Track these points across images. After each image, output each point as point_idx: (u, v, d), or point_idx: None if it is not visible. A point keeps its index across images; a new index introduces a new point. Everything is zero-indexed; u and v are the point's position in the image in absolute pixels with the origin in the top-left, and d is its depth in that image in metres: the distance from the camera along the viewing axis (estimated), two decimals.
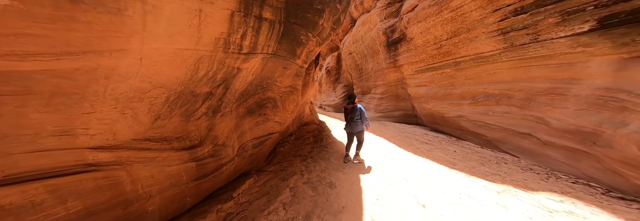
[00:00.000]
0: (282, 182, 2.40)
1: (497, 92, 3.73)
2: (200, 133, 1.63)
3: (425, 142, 4.56)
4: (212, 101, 1.62)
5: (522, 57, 3.33)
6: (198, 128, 1.60)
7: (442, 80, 5.32)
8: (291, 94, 2.92)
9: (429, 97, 5.83)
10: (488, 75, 3.99)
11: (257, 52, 1.80)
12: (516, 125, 3.21)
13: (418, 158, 3.42)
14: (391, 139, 4.83)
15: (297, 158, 3.13)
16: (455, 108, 4.78)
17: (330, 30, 3.61)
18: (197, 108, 1.53)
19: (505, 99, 3.55)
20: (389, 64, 8.06)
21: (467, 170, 2.91)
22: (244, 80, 1.89)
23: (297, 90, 3.27)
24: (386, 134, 5.41)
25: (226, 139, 1.89)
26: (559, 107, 2.59)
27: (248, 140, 2.20)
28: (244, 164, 2.24)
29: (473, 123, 4.15)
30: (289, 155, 3.28)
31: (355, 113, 3.03)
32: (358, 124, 3.03)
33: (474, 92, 4.30)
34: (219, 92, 1.66)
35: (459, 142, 4.47)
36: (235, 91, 1.84)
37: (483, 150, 3.73)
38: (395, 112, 8.08)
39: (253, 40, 1.69)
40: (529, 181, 2.39)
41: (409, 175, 2.72)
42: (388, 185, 2.41)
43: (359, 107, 3.08)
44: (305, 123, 6.09)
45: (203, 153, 1.68)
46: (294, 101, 3.06)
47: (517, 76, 3.38)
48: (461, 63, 4.71)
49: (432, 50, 5.55)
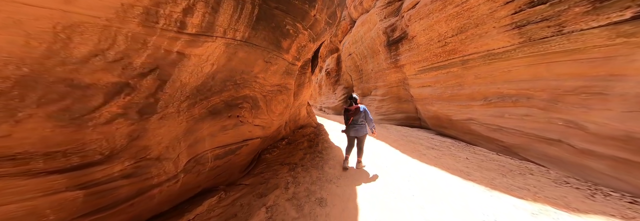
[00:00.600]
0: (258, 199, 1.95)
1: (513, 92, 3.29)
2: (111, 144, 1.12)
3: (432, 147, 4.10)
4: (134, 97, 1.13)
5: (543, 53, 2.91)
6: (108, 137, 1.10)
7: (448, 80, 4.90)
8: (279, 94, 2.52)
9: (433, 99, 5.39)
10: (502, 74, 3.56)
11: (215, 35, 1.38)
12: (541, 129, 2.76)
13: (425, 166, 2.96)
14: (394, 144, 4.39)
15: (284, 167, 2.69)
16: (464, 110, 4.33)
17: (325, 25, 3.22)
18: (96, 108, 1.03)
19: (523, 100, 3.11)
20: (389, 64, 7.67)
21: (486, 182, 2.45)
22: (197, 71, 1.43)
23: (288, 90, 2.88)
24: (388, 138, 4.96)
25: (165, 150, 1.37)
26: (598, 109, 2.15)
27: (207, 150, 1.67)
28: (203, 180, 1.74)
29: (486, 127, 3.69)
30: (275, 163, 2.85)
31: (359, 115, 2.66)
32: (363, 127, 2.68)
33: (486, 93, 3.87)
34: (147, 84, 1.18)
35: (470, 147, 4.01)
36: (184, 85, 1.37)
37: (500, 158, 3.26)
38: (397, 114, 7.64)
39: (208, 19, 1.27)
40: (570, 198, 1.92)
41: (416, 187, 2.26)
42: (391, 202, 1.96)
43: (364, 108, 2.72)
44: (301, 126, 5.66)
45: (108, 174, 1.13)
46: (282, 102, 2.65)
47: (538, 74, 2.95)
48: (469, 61, 4.30)
49: (436, 48, 5.15)
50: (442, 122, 5.15)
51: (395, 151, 3.77)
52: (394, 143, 4.41)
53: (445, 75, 5.01)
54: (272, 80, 2.22)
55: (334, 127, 7.12)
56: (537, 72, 2.97)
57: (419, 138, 5.05)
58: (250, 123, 1.91)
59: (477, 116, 3.96)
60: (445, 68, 4.97)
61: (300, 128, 5.39)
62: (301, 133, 4.87)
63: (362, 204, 1.94)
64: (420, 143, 4.49)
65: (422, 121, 6.83)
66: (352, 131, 2.73)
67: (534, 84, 2.97)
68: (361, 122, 2.69)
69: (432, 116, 5.60)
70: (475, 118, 4.00)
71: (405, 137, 5.19)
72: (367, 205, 1.93)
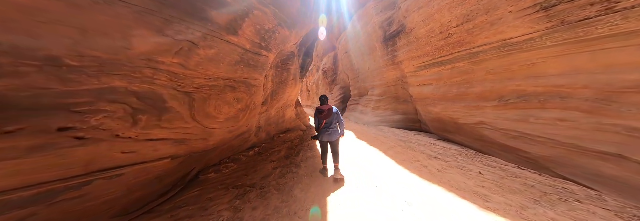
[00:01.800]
0: None
1: (540, 90, 2.56)
2: None
3: (435, 156, 3.37)
4: None
5: (584, 39, 2.18)
6: None
7: (454, 77, 4.16)
8: (231, 91, 1.80)
9: (436, 99, 4.66)
10: (522, 68, 2.82)
11: None
12: (587, 139, 2.03)
13: (427, 185, 2.23)
14: (389, 151, 3.66)
15: (229, 194, 1.90)
16: (473, 113, 3.60)
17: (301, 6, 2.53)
18: None
19: (556, 100, 2.38)
20: (386, 62, 6.94)
21: (514, 212, 1.71)
22: None
23: (251, 87, 2.18)
24: (384, 144, 4.23)
25: None
26: None
27: None
28: None
29: (503, 134, 2.96)
30: (217, 187, 2.01)
31: (333, 117, 2.41)
32: (337, 131, 2.46)
33: (501, 91, 3.13)
34: None
35: (481, 157, 3.27)
36: None
37: (524, 173, 2.52)
38: (396, 116, 6.90)
39: None
40: None
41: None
42: None
43: (336, 110, 2.48)
44: (287, 129, 4.95)
45: None
46: (236, 102, 1.92)
47: (577, 66, 2.22)
48: (479, 54, 3.56)
49: (439, 40, 4.42)
50: (447, 125, 4.41)
51: (391, 162, 3.05)
52: (390, 151, 3.69)
53: (449, 72, 4.28)
54: (210, 71, 1.51)
55: None
56: (575, 64, 2.23)
57: (420, 144, 4.32)
58: (133, 138, 1.16)
59: (490, 120, 3.22)
60: (450, 64, 4.24)
61: (284, 132, 4.69)
62: (283, 138, 4.17)
63: None
64: (421, 150, 3.76)
65: (422, 124, 6.09)
66: (325, 136, 2.41)
67: (571, 80, 2.24)
68: (334, 125, 2.44)
69: (434, 119, 4.87)
70: (488, 123, 3.26)
71: (404, 143, 4.46)
72: None
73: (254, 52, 2.04)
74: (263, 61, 2.32)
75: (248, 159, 2.81)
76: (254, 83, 2.25)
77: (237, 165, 2.53)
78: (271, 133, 3.94)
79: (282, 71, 3.59)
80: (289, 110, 4.85)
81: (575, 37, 2.24)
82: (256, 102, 2.50)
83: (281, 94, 3.76)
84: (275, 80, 3.31)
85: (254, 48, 1.98)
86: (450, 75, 4.24)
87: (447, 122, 4.31)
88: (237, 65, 1.82)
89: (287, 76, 3.85)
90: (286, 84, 3.89)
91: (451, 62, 4.19)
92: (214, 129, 1.78)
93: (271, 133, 3.94)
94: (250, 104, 2.34)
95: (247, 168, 2.53)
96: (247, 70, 2.02)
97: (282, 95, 3.83)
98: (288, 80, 3.91)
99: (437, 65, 4.61)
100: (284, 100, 4.16)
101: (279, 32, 2.28)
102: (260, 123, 3.29)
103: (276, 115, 4.10)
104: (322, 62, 16.44)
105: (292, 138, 4.29)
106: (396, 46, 6.22)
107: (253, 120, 2.77)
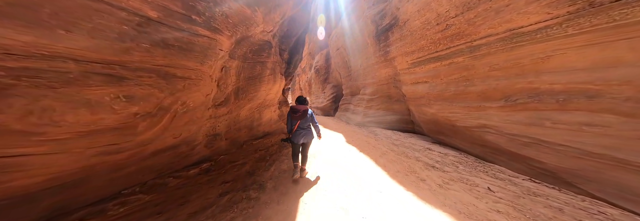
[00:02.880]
0: None
1: (558, 88, 2.10)
2: None
3: (432, 165, 2.88)
4: None
5: (619, 23, 1.72)
6: None
7: (451, 74, 3.70)
8: (101, 84, 1.11)
9: (432, 98, 4.19)
10: (535, 62, 2.36)
11: None
12: (624, 149, 1.57)
13: (428, 209, 1.73)
14: (381, 159, 3.14)
15: None
16: (474, 114, 3.14)
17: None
18: None
19: (580, 99, 1.93)
20: (379, 58, 6.44)
21: None
22: None
23: (181, 80, 1.54)
24: (375, 150, 3.72)
25: None
26: None
27: None
28: None
29: (510, 139, 2.50)
30: None
31: (307, 118, 2.36)
32: (310, 132, 2.43)
33: (508, 89, 2.67)
34: None
35: (484, 165, 2.82)
36: None
37: (540, 188, 2.06)
38: (388, 116, 6.44)
39: None
40: None
41: None
42: None
43: (311, 113, 2.43)
44: (264, 134, 4.32)
45: None
46: (121, 103, 1.22)
47: (611, 57, 1.76)
48: (481, 47, 3.10)
49: (435, 33, 3.94)
50: (443, 128, 3.95)
51: (382, 174, 2.52)
52: (381, 158, 3.17)
53: (446, 68, 3.81)
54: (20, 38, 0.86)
55: None
56: (608, 55, 1.78)
57: (414, 148, 3.84)
58: None
59: (494, 122, 2.76)
60: (447, 59, 3.77)
61: (261, 137, 4.05)
62: (257, 145, 3.53)
63: None
64: (416, 157, 3.27)
65: (415, 125, 5.66)
66: (299, 137, 2.34)
67: (602, 74, 1.78)
68: (307, 127, 2.41)
69: (429, 120, 4.41)
70: (491, 126, 2.80)
71: (397, 147, 3.97)
72: None
73: (177, 27, 1.40)
74: (204, 44, 1.68)
75: (181, 182, 1.98)
76: (182, 74, 1.58)
77: (153, 195, 1.67)
78: (240, 139, 3.30)
79: (253, 64, 2.96)
80: (267, 110, 4.22)
81: (608, 21, 1.77)
82: (191, 101, 1.83)
83: (253, 92, 3.14)
84: (242, 74, 2.68)
85: (170, 19, 1.33)
86: (448, 71, 3.77)
87: (443, 124, 3.85)
88: (129, 42, 1.18)
89: (262, 70, 3.22)
90: (260, 80, 3.26)
91: (448, 57, 3.72)
92: (32, 155, 1.03)
93: (240, 139, 3.30)
94: (174, 105, 1.66)
95: (172, 198, 1.70)
96: (164, 54, 1.38)
97: (255, 94, 3.20)
98: (263, 76, 3.29)
99: (432, 60, 4.13)
100: (258, 99, 3.54)
101: (231, 7, 1.67)
102: (216, 129, 2.62)
103: (248, 117, 3.47)
104: (315, 59, 15.82)
105: (268, 145, 3.67)
106: (388, 41, 5.71)
107: (193, 126, 2.09)
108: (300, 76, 19.35)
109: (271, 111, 4.43)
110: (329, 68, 14.29)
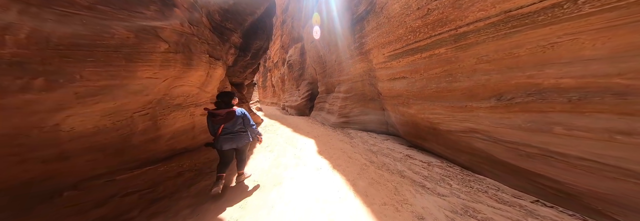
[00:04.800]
0: None
1: (570, 84, 1.63)
2: None
3: (421, 182, 2.28)
4: None
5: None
6: None
7: (432, 68, 3.19)
8: None
9: (411, 96, 3.68)
10: (536, 51, 1.89)
11: None
12: None
13: None
14: (359, 180, 2.39)
15: None
16: (459, 116, 2.66)
17: None
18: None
19: (606, 97, 1.45)
20: (353, 51, 5.80)
21: None
22: None
23: None
24: (351, 163, 3.01)
25: None
26: None
27: None
28: None
29: (507, 149, 2.02)
30: None
31: (235, 121, 1.99)
32: (242, 136, 2.06)
33: (500, 86, 2.20)
34: None
35: (475, 178, 2.33)
36: None
37: (559, 216, 1.59)
38: (362, 116, 5.89)
39: None
40: None
41: None
42: None
43: (242, 112, 2.05)
44: (168, 153, 2.85)
45: None
46: None
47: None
48: (468, 35, 2.59)
49: (414, 19, 3.38)
50: (422, 131, 3.46)
51: (364, 212, 1.78)
52: (360, 180, 2.42)
53: (426, 61, 3.30)
54: None
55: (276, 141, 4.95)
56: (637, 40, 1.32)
57: (393, 156, 3.26)
58: None
59: (485, 126, 2.28)
60: (428, 50, 3.25)
61: (162, 160, 2.72)
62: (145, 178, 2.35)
63: None
64: (399, 171, 2.66)
65: (389, 125, 5.21)
66: (224, 142, 1.98)
67: (634, 64, 1.33)
68: (238, 130, 2.04)
69: (407, 122, 3.91)
70: (481, 131, 2.32)
71: (375, 156, 3.34)
72: None
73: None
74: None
75: None
76: None
77: None
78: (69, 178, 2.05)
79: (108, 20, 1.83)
80: (181, 114, 3.01)
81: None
82: None
83: (109, 78, 2.00)
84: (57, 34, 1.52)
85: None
86: (428, 65, 3.26)
87: (423, 127, 3.36)
88: None
89: (140, 40, 2.11)
90: (133, 58, 2.13)
91: (429, 48, 3.20)
92: None
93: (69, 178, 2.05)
94: None
95: None
96: None
97: (120, 82, 2.06)
98: (143, 50, 2.15)
99: (410, 52, 3.59)
100: (144, 94, 2.40)
101: None
102: None
103: (110, 129, 2.27)
104: (288, 53, 14.63)
105: (168, 176, 2.47)
106: (364, 31, 5.07)
107: None
108: (272, 71, 17.91)
109: (187, 115, 3.23)
110: (304, 64, 13.32)
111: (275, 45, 17.72)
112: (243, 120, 2.08)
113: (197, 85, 3.06)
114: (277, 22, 17.17)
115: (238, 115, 2.02)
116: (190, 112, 3.14)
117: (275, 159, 3.21)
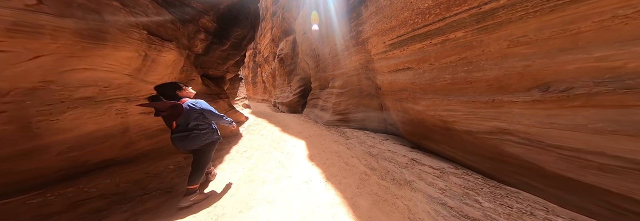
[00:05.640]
0: None
1: None
2: None
3: (437, 197, 1.73)
4: None
5: None
6: None
7: (446, 55, 2.64)
8: None
9: (417, 90, 3.12)
10: (610, 23, 1.36)
11: None
12: None
13: None
14: (361, 198, 1.79)
15: None
16: (484, 113, 2.13)
17: None
18: None
19: None
20: (349, 42, 5.16)
21: None
22: None
23: None
24: (348, 171, 2.42)
25: None
26: None
27: None
28: None
29: (559, 157, 1.48)
30: None
31: (188, 117, 1.63)
32: (199, 136, 1.68)
33: (546, 73, 1.66)
34: None
35: (507, 192, 1.80)
36: None
37: None
38: (358, 113, 5.33)
39: None
40: None
41: None
42: None
43: (195, 105, 1.66)
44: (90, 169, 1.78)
45: None
46: None
47: None
48: (498, 12, 2.03)
49: (421, 0, 2.80)
50: (430, 131, 2.92)
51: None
52: (362, 198, 1.84)
53: (438, 48, 2.74)
54: None
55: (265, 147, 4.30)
56: None
57: (398, 162, 2.71)
58: None
59: (522, 127, 1.76)
60: (440, 35, 2.69)
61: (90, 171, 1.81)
62: None
63: None
64: (409, 182, 2.10)
65: (388, 124, 4.69)
66: (176, 142, 1.64)
67: None
68: (196, 127, 1.66)
69: (412, 120, 3.36)
70: (516, 132, 1.80)
71: (376, 161, 2.78)
72: None
73: None
74: None
75: None
76: None
77: None
78: None
79: None
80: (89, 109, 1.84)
81: None
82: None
83: None
84: None
85: None
86: (440, 52, 2.70)
87: (433, 126, 2.82)
88: None
89: None
90: None
91: (442, 32, 2.63)
92: None
93: None
94: None
95: None
96: None
97: None
98: None
99: (418, 38, 3.02)
100: None
101: None
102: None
103: None
104: (279, 47, 13.73)
105: None
106: (361, 18, 4.44)
107: None
108: (262, 67, 16.91)
109: (110, 113, 2.03)
110: (295, 58, 12.52)
111: (266, 38, 16.68)
112: (202, 114, 1.72)
113: (125, 71, 1.96)
114: (267, 13, 16.11)
115: (189, 109, 1.62)
116: (115, 110, 2.07)
117: (251, 169, 2.54)
